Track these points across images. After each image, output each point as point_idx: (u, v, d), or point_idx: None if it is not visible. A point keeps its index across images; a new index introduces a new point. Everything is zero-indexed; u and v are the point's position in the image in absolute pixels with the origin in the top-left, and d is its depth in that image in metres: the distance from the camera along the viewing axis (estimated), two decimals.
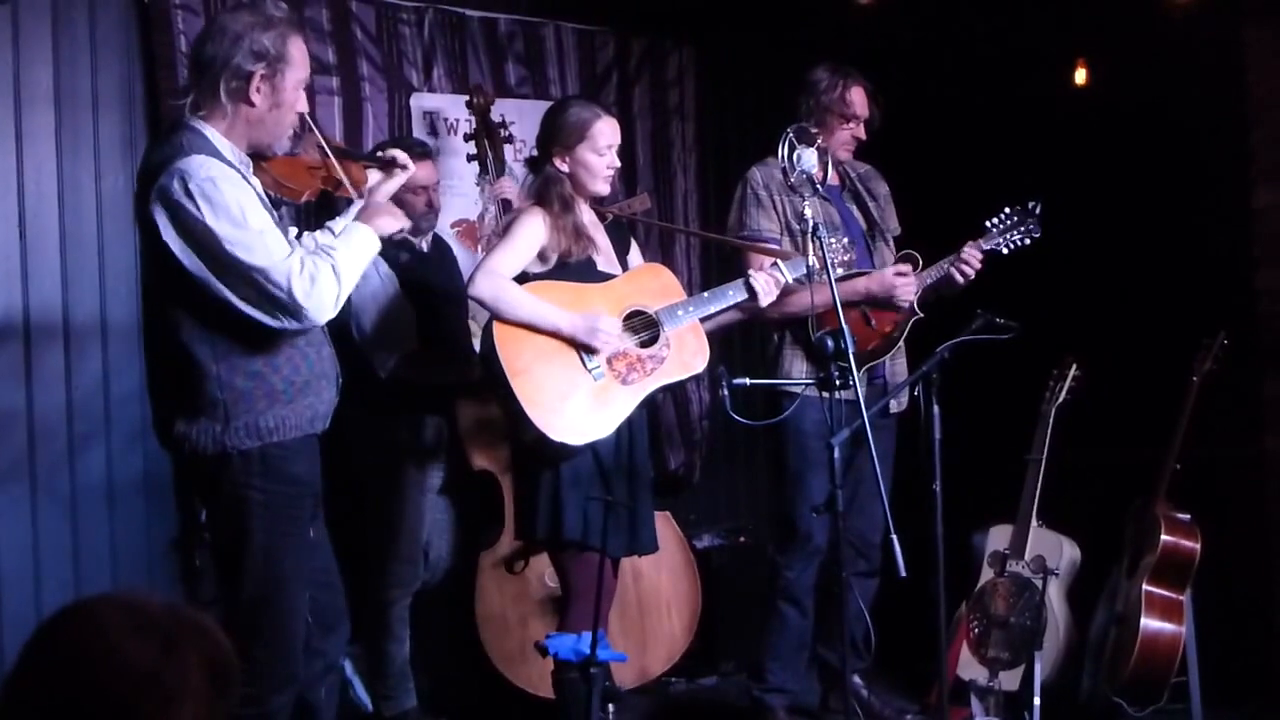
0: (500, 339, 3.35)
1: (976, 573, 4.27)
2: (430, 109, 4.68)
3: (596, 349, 3.40)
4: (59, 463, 3.99)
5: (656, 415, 4.97)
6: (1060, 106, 4.92)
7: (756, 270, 3.63)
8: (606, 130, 3.50)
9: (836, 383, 3.21)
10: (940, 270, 3.97)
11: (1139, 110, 4.64)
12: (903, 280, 3.93)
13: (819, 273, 3.34)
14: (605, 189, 3.57)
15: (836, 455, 3.18)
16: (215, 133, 2.79)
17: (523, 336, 3.37)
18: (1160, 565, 4.01)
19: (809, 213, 3.37)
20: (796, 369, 4.00)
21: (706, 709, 4.51)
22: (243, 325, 2.74)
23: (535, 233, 3.44)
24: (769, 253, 3.78)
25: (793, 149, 3.45)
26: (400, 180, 3.18)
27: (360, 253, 2.91)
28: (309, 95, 3.00)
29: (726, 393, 3.27)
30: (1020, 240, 3.98)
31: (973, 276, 3.95)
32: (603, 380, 3.41)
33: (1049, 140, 4.82)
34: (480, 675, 4.15)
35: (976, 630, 4.19)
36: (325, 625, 2.98)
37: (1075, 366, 4.23)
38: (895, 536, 3.05)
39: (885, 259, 4.13)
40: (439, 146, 4.55)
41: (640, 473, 3.52)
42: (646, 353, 3.49)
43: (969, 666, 4.14)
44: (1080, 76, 4.96)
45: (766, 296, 3.58)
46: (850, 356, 3.19)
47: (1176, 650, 3.96)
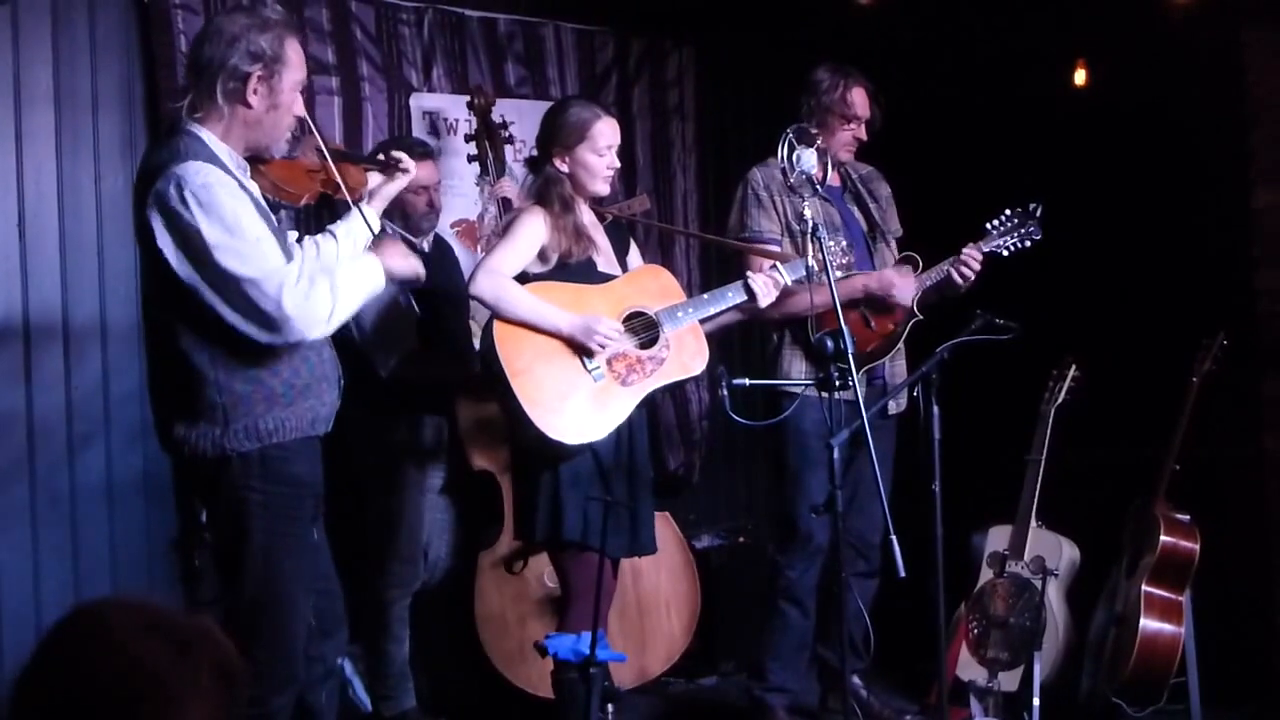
0: (500, 338, 3.36)
1: (976, 573, 4.27)
2: (430, 109, 4.68)
3: (596, 351, 3.40)
4: (58, 463, 3.99)
5: (656, 415, 4.97)
6: (1060, 107, 4.92)
7: (756, 272, 3.64)
8: (606, 131, 3.50)
9: (836, 383, 3.21)
10: (940, 272, 3.97)
11: (1139, 111, 4.64)
12: (901, 279, 3.93)
13: (818, 274, 3.34)
14: (605, 189, 3.57)
15: (836, 455, 3.18)
16: (212, 135, 2.78)
17: (523, 336, 3.37)
18: (1160, 566, 4.01)
19: (809, 213, 3.37)
20: (796, 369, 4.00)
21: (706, 709, 4.51)
22: (239, 331, 2.74)
23: (536, 232, 3.44)
24: (768, 254, 3.78)
25: (792, 149, 3.45)
26: (402, 183, 3.18)
27: (364, 279, 2.88)
28: (308, 96, 3.00)
29: (726, 393, 3.27)
30: (1020, 242, 3.98)
31: (973, 278, 3.95)
32: (602, 381, 3.41)
33: (1049, 141, 4.82)
34: (480, 675, 4.15)
35: (976, 631, 4.19)
36: (323, 630, 2.98)
37: (1075, 366, 4.23)
38: (895, 537, 3.05)
39: (886, 260, 4.13)
40: (439, 146, 4.55)
41: (640, 473, 3.53)
42: (646, 354, 3.49)
43: (968, 667, 4.14)
44: (1080, 77, 4.96)
45: (765, 298, 3.59)
46: (850, 357, 3.19)
47: (1176, 651, 3.96)
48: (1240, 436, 4.31)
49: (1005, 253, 3.99)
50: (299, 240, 3.09)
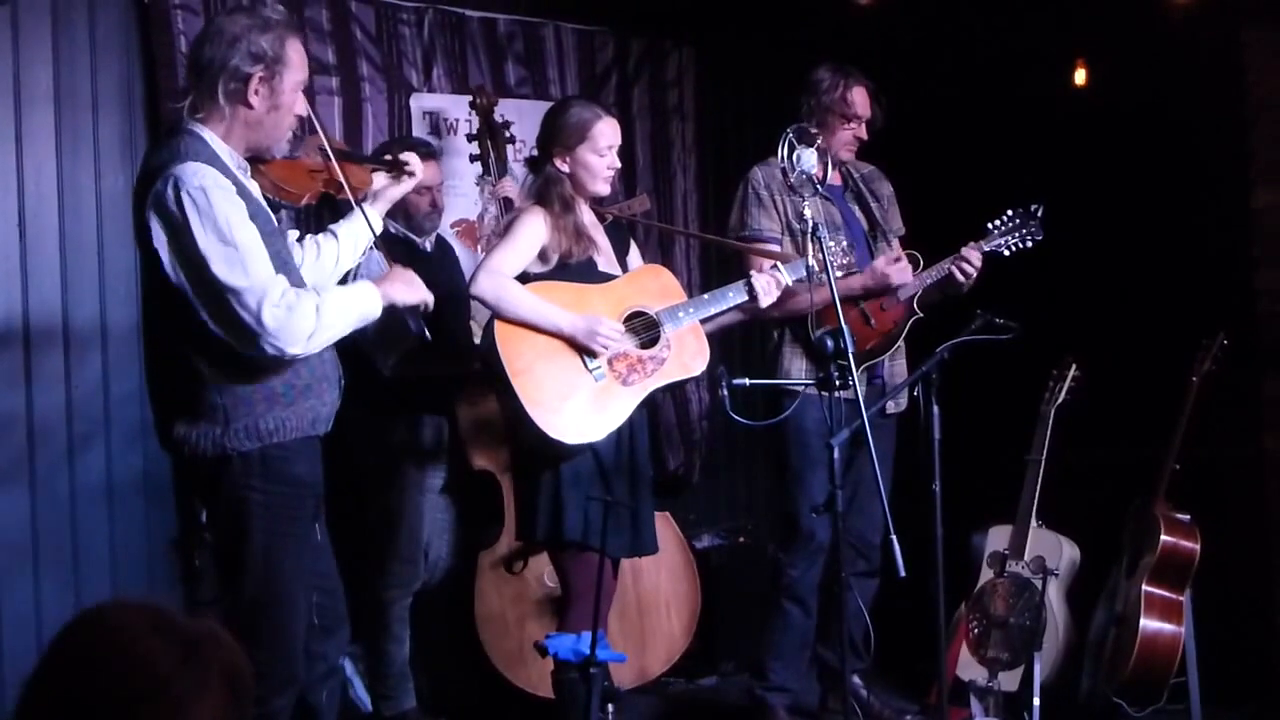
0: (502, 338, 3.36)
1: (976, 573, 4.27)
2: (431, 109, 4.68)
3: (598, 352, 3.40)
4: (58, 463, 3.99)
5: (656, 415, 4.97)
6: (1060, 107, 4.92)
7: (757, 271, 3.64)
8: (607, 131, 3.50)
9: (836, 382, 3.21)
10: (941, 270, 3.97)
11: (1139, 111, 4.64)
12: (895, 267, 3.92)
13: (818, 274, 3.34)
14: (605, 190, 3.57)
15: (836, 455, 3.18)
16: (213, 136, 2.78)
17: (524, 336, 3.38)
18: (1160, 566, 4.01)
19: (809, 213, 3.37)
20: (796, 368, 4.00)
21: (706, 709, 4.51)
22: (222, 339, 2.73)
23: (536, 232, 3.44)
24: (768, 254, 3.78)
25: (793, 149, 3.45)
26: (409, 185, 3.18)
27: (355, 307, 2.85)
28: (308, 96, 3.00)
29: (726, 393, 3.27)
30: (1021, 242, 3.98)
31: (973, 276, 3.95)
32: (603, 381, 3.42)
33: (1049, 141, 4.82)
34: (480, 675, 4.16)
35: (976, 630, 4.19)
36: (325, 628, 2.98)
37: (1075, 366, 4.23)
38: (895, 537, 3.04)
39: None
40: (441, 147, 4.55)
41: (641, 473, 3.53)
42: (647, 354, 3.49)
43: (968, 667, 4.14)
44: (1080, 77, 4.96)
45: (767, 297, 3.59)
46: (850, 356, 3.20)
47: (1176, 651, 3.96)
48: (1240, 436, 4.31)
49: (1006, 252, 3.99)
50: (300, 239, 3.09)
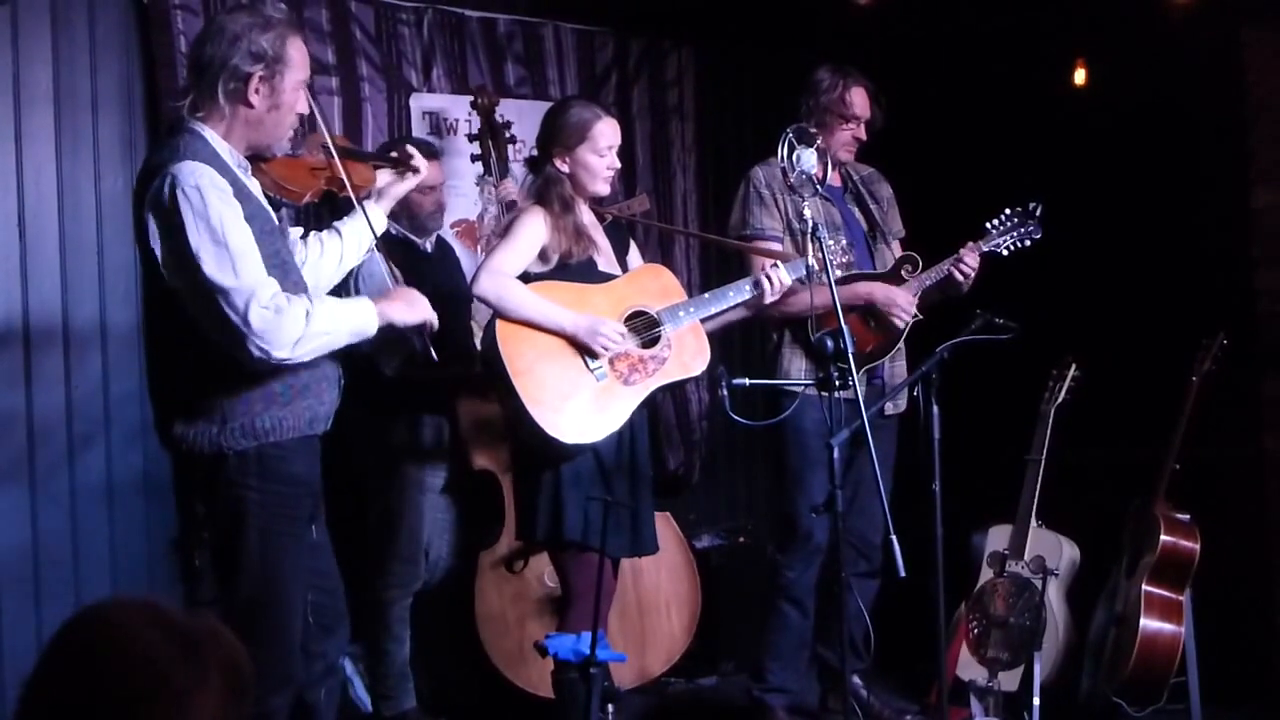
0: (503, 337, 3.36)
1: (976, 573, 4.27)
2: (430, 109, 4.68)
3: (600, 352, 3.40)
4: (58, 463, 3.99)
5: (656, 415, 4.97)
6: (1060, 106, 4.92)
7: (760, 270, 3.64)
8: (607, 131, 3.50)
9: (836, 383, 3.21)
10: (940, 272, 3.97)
11: (1139, 110, 4.64)
12: (906, 300, 3.92)
13: (818, 274, 3.34)
14: (605, 190, 3.57)
15: (836, 455, 3.18)
16: (214, 134, 2.78)
17: (525, 336, 3.38)
18: (1160, 565, 4.01)
19: (809, 213, 3.37)
20: (796, 368, 4.00)
21: (706, 709, 4.51)
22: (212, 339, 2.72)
23: (536, 232, 3.44)
24: (767, 253, 3.78)
25: (792, 149, 3.45)
26: (413, 183, 3.18)
27: (348, 321, 2.83)
28: (309, 96, 2.99)
29: (726, 393, 3.27)
30: (1020, 241, 3.99)
31: (972, 277, 3.95)
32: (605, 381, 3.42)
33: (1049, 140, 4.82)
34: (480, 675, 4.15)
35: (976, 630, 4.19)
36: (324, 627, 2.97)
37: (1075, 366, 4.23)
38: (895, 537, 3.04)
39: (887, 261, 4.12)
40: (442, 146, 4.55)
41: (641, 473, 3.53)
42: (648, 353, 3.49)
43: (968, 667, 4.14)
44: (1080, 76, 4.96)
45: (771, 295, 3.59)
46: (850, 357, 3.19)
47: (1176, 650, 3.96)
48: (1240, 436, 4.31)
49: (1005, 252, 4.00)
50: (303, 236, 3.09)
